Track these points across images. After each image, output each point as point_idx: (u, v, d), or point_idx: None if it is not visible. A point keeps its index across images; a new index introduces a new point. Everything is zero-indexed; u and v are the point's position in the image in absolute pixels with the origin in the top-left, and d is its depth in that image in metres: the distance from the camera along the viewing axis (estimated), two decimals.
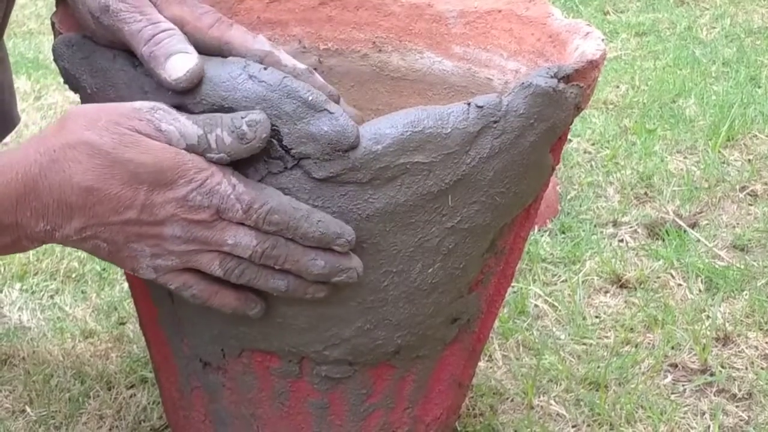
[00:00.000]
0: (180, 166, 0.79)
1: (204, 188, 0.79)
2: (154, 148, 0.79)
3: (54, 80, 1.99)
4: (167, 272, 0.83)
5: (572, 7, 2.47)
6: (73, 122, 0.79)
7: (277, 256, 0.82)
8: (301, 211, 0.81)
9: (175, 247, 0.81)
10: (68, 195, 0.79)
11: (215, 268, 0.82)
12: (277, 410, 0.95)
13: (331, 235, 0.82)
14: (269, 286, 0.84)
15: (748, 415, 1.15)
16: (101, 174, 0.78)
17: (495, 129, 0.84)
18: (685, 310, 1.32)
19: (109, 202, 0.79)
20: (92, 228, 0.80)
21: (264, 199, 0.81)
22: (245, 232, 0.81)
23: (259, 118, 0.79)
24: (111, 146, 0.78)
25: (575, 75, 0.87)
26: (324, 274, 0.83)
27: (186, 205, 0.80)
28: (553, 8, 1.03)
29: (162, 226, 0.80)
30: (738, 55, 2.19)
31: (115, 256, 0.82)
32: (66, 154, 0.78)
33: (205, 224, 0.80)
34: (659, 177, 1.65)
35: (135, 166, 0.78)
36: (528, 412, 1.14)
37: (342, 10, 1.11)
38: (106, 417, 1.11)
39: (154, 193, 0.79)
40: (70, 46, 0.87)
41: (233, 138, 0.79)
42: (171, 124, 0.79)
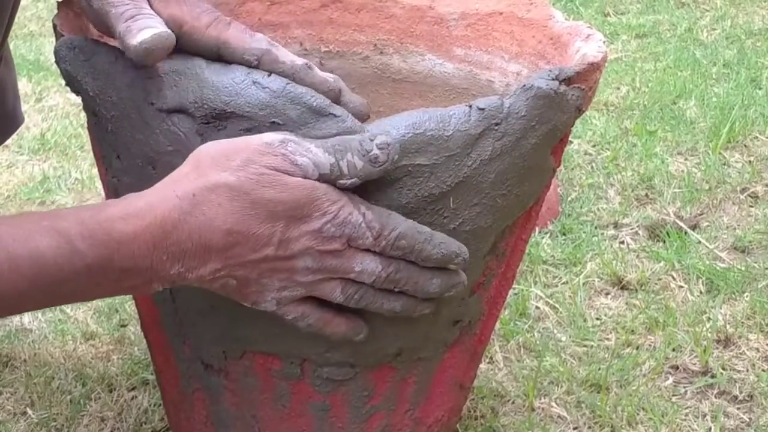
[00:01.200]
0: (315, 200, 0.79)
1: (337, 219, 0.80)
2: (291, 185, 0.79)
3: (55, 82, 1.99)
4: (288, 304, 0.83)
5: (573, 9, 2.47)
6: (208, 164, 0.79)
7: (399, 279, 0.83)
8: (425, 235, 0.83)
9: (304, 278, 0.82)
10: (208, 238, 0.78)
11: (337, 295, 0.83)
12: (278, 412, 0.95)
13: (451, 256, 0.83)
14: (384, 308, 0.85)
15: (749, 417, 1.15)
16: (241, 216, 0.78)
17: (496, 131, 0.84)
18: (686, 312, 1.32)
19: (248, 242, 0.79)
20: (228, 268, 0.80)
21: (393, 225, 0.82)
22: (371, 259, 0.82)
23: (389, 140, 0.80)
24: (250, 187, 0.78)
25: (576, 77, 0.87)
26: (438, 291, 0.85)
27: (320, 237, 0.80)
28: (554, 10, 1.03)
29: (295, 260, 0.81)
30: (738, 57, 2.19)
31: (241, 291, 0.82)
32: (206, 197, 0.78)
33: (336, 254, 0.81)
34: (660, 179, 1.65)
35: (274, 205, 0.78)
36: (529, 414, 1.14)
37: (343, 13, 1.12)
38: (107, 419, 1.11)
39: (290, 228, 0.79)
40: (72, 48, 0.87)
41: (365, 162, 0.80)
42: (305, 156, 0.79)
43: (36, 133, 1.79)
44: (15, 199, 1.58)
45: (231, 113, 0.81)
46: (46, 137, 1.78)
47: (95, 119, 0.89)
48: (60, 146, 1.75)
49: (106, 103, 0.86)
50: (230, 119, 0.82)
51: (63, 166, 1.68)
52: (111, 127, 0.86)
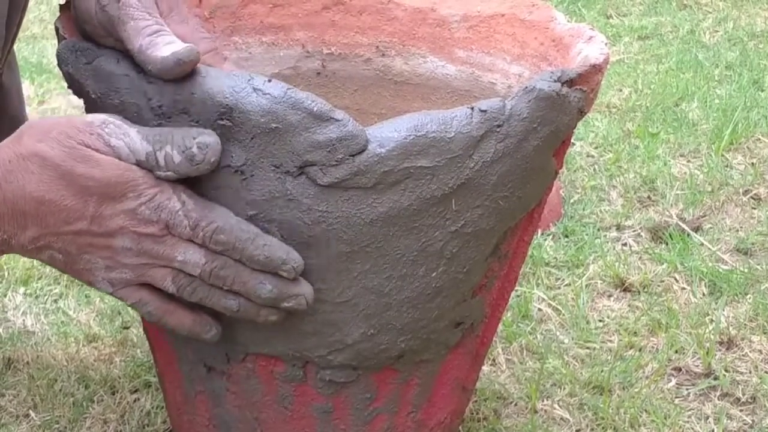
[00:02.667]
0: (129, 181, 0.81)
1: (153, 203, 0.81)
2: (102, 162, 0.80)
3: (57, 85, 2.00)
4: (123, 286, 0.84)
5: (575, 11, 2.47)
6: (28, 134, 0.82)
7: (225, 276, 0.83)
8: (248, 233, 0.82)
9: (127, 259, 0.83)
10: (21, 204, 0.81)
11: (168, 284, 0.84)
12: (281, 414, 0.95)
13: (276, 260, 0.83)
14: (221, 306, 0.85)
15: (752, 419, 1.15)
16: (52, 185, 0.80)
17: (498, 133, 0.84)
18: (688, 314, 1.32)
19: (60, 212, 0.81)
20: (45, 237, 0.82)
21: (211, 218, 0.82)
22: (194, 250, 0.82)
23: (209, 140, 0.80)
24: (61, 159, 0.80)
25: (578, 79, 0.87)
26: (272, 298, 0.84)
27: (135, 218, 0.81)
28: (557, 12, 1.03)
29: (112, 238, 0.82)
30: (741, 59, 2.19)
31: (71, 268, 0.84)
32: (20, 165, 0.81)
33: (154, 238, 0.82)
34: (662, 181, 1.65)
35: (85, 179, 0.80)
36: (531, 417, 1.14)
37: (345, 15, 1.12)
38: (110, 421, 1.11)
39: (103, 206, 0.81)
40: (74, 51, 0.87)
41: (182, 158, 0.81)
42: (120, 139, 0.81)
43: None
44: None
45: (232, 119, 0.81)
46: None
47: None
48: None
49: (108, 106, 0.86)
50: (231, 124, 0.82)
51: None
52: None
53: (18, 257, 1.40)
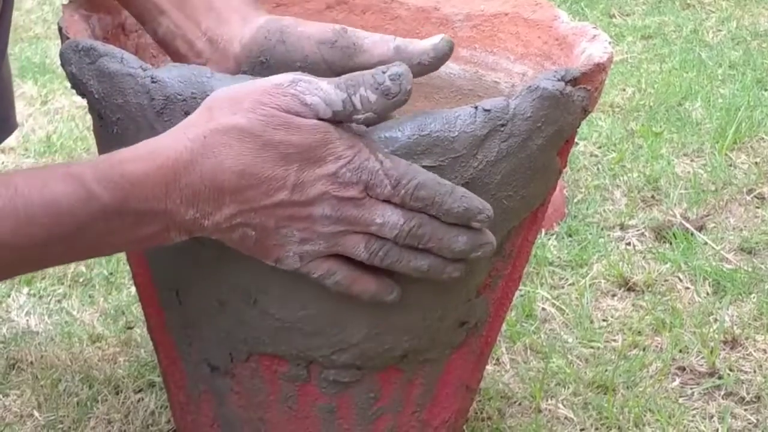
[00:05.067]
0: (329, 143, 0.78)
1: (353, 164, 0.78)
2: (302, 126, 0.77)
3: (61, 85, 2.00)
4: (312, 259, 0.81)
5: (578, 11, 2.47)
6: (219, 108, 0.78)
7: (422, 234, 0.81)
8: (446, 187, 0.80)
9: (324, 228, 0.80)
10: (220, 180, 0.77)
11: (360, 251, 0.81)
12: (285, 414, 0.95)
13: (473, 210, 0.81)
14: (411, 267, 0.82)
15: (756, 418, 1.15)
16: (253, 157, 0.77)
17: (502, 132, 0.84)
18: (692, 314, 1.32)
19: (261, 185, 0.78)
20: (243, 214, 0.79)
21: (412, 175, 0.80)
22: (392, 211, 0.80)
23: (401, 70, 0.79)
24: (260, 129, 0.77)
25: (582, 78, 0.87)
26: (465, 250, 0.82)
27: (336, 182, 0.78)
28: (560, 11, 1.03)
29: (312, 206, 0.79)
30: (744, 58, 2.19)
31: (262, 245, 0.80)
32: (217, 140, 0.77)
33: (354, 202, 0.79)
34: (666, 180, 1.65)
35: (285, 147, 0.77)
36: (536, 416, 1.14)
37: (348, 14, 1.12)
38: (114, 421, 1.11)
39: (305, 172, 0.78)
40: (77, 51, 0.87)
41: (378, 95, 0.78)
42: (315, 95, 0.78)
43: (42, 136, 1.79)
44: None
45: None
46: (52, 140, 1.78)
47: (101, 122, 0.89)
48: (66, 149, 1.75)
49: (111, 106, 0.86)
50: None
51: None
52: (116, 129, 0.86)
53: None
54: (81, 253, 0.80)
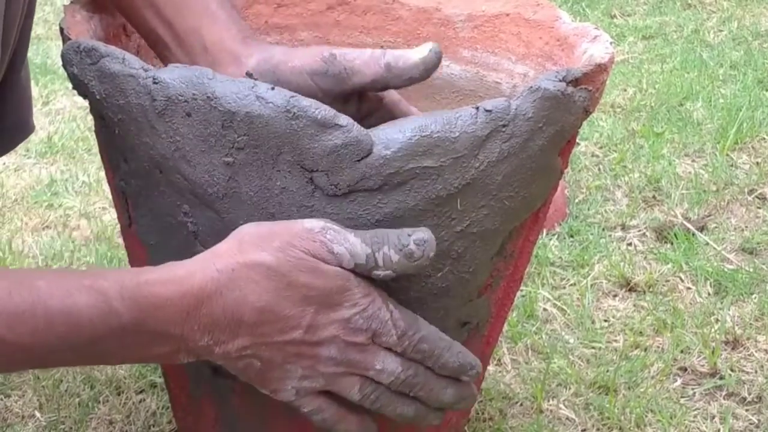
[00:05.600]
0: (347, 290, 0.81)
1: (366, 312, 0.82)
2: (327, 272, 0.80)
3: (62, 86, 2.00)
4: (306, 395, 0.84)
5: (579, 11, 2.47)
6: (250, 242, 0.80)
7: (415, 384, 0.84)
8: (446, 342, 0.85)
9: (326, 368, 0.83)
10: (241, 313, 0.80)
11: (354, 393, 0.84)
12: (286, 415, 0.94)
13: (466, 366, 0.85)
14: (397, 412, 0.86)
15: (758, 418, 1.15)
16: (275, 295, 0.80)
17: (503, 133, 0.84)
18: (694, 314, 1.32)
19: (278, 322, 0.80)
20: (255, 347, 0.81)
21: (417, 327, 0.83)
22: (392, 359, 0.83)
23: (425, 236, 0.82)
24: (287, 269, 0.79)
25: (584, 78, 0.87)
26: (450, 402, 0.86)
27: (348, 327, 0.81)
28: (561, 12, 1.03)
29: (320, 347, 0.82)
30: (745, 58, 2.19)
31: (263, 376, 0.83)
32: (244, 274, 0.79)
33: (360, 347, 0.82)
34: (667, 180, 1.65)
35: (308, 289, 0.80)
36: (537, 416, 1.14)
37: (350, 15, 1.12)
38: (115, 422, 1.12)
39: (320, 315, 0.81)
40: (79, 51, 0.87)
41: (401, 256, 0.81)
42: (342, 245, 0.81)
43: (43, 137, 1.79)
44: (22, 203, 1.58)
45: (235, 122, 0.81)
46: (54, 140, 1.78)
47: (102, 123, 0.89)
48: (67, 149, 1.75)
49: (112, 107, 0.86)
50: (234, 130, 0.81)
51: (70, 170, 1.68)
52: (118, 130, 0.86)
53: (24, 257, 1.40)
54: (88, 362, 0.84)
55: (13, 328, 0.77)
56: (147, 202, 0.89)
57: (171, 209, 0.87)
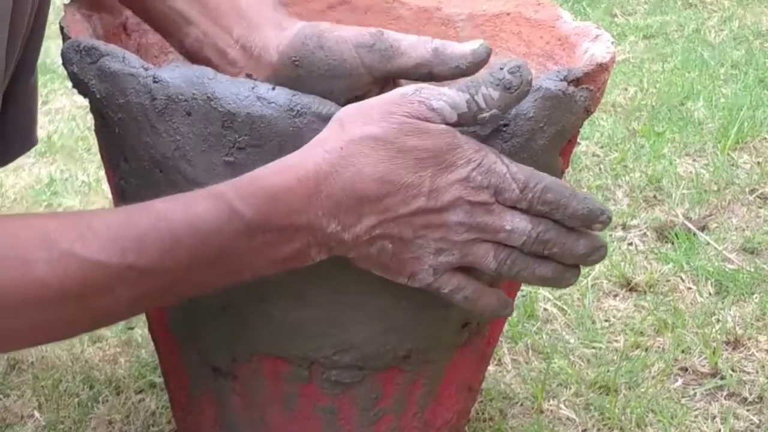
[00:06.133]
0: (458, 146, 0.79)
1: (483, 167, 0.79)
2: (432, 130, 0.78)
3: (61, 85, 2.00)
4: (443, 273, 0.82)
5: (580, 10, 2.47)
6: (350, 121, 0.79)
7: (548, 240, 0.81)
8: (570, 190, 0.81)
9: (458, 236, 0.80)
10: (360, 189, 0.78)
11: (490, 260, 0.81)
12: (286, 415, 0.94)
13: (596, 211, 0.82)
14: (536, 275, 0.83)
15: (759, 418, 1.15)
16: (389, 164, 0.78)
17: (504, 132, 0.84)
18: (695, 314, 1.32)
19: (399, 192, 0.78)
20: (383, 225, 0.79)
21: (538, 178, 0.81)
22: (521, 217, 0.81)
23: (519, 63, 0.80)
24: (394, 136, 0.78)
25: (585, 78, 0.86)
26: (585, 254, 0.83)
27: (468, 186, 0.79)
28: (562, 11, 1.02)
29: (447, 213, 0.79)
30: (746, 58, 2.18)
31: (398, 258, 0.81)
32: (353, 149, 0.78)
33: (485, 207, 0.80)
34: (668, 180, 1.65)
35: (419, 152, 0.78)
36: (537, 417, 1.14)
37: (350, 14, 1.11)
38: (114, 422, 1.11)
39: (438, 177, 0.79)
40: (79, 50, 0.87)
41: (500, 90, 0.79)
42: (440, 99, 0.79)
43: (42, 136, 1.79)
44: (22, 202, 1.58)
45: (235, 123, 0.81)
46: (53, 140, 1.78)
47: (102, 122, 0.89)
48: (67, 149, 1.75)
49: (112, 106, 0.86)
50: (235, 130, 0.81)
51: (70, 169, 1.68)
52: (118, 129, 0.86)
53: None
54: (223, 278, 0.79)
55: (141, 251, 0.74)
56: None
57: None
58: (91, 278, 0.73)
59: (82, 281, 0.73)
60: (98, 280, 0.74)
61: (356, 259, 0.81)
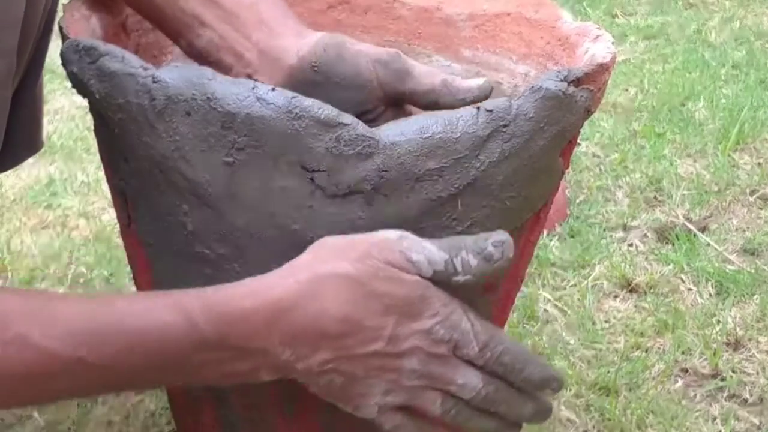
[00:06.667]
0: (427, 299, 0.80)
1: (447, 322, 0.80)
2: (407, 281, 0.79)
3: (60, 85, 1.99)
4: (387, 411, 0.83)
5: (580, 11, 2.47)
6: (327, 253, 0.80)
7: (496, 399, 0.83)
8: (525, 355, 0.83)
9: (408, 382, 0.81)
10: (322, 324, 0.78)
11: (435, 408, 0.83)
12: (286, 415, 0.94)
13: (549, 379, 0.84)
14: (477, 427, 0.85)
15: (759, 420, 1.15)
16: (356, 306, 0.79)
17: (505, 133, 0.83)
18: (695, 315, 1.32)
19: (360, 333, 0.79)
20: (336, 361, 0.80)
21: (498, 340, 0.82)
22: (474, 373, 0.82)
23: (503, 237, 0.81)
24: (367, 279, 0.79)
25: (585, 78, 0.86)
26: (529, 417, 0.85)
27: (429, 338, 0.80)
28: (563, 11, 1.02)
29: (402, 359, 0.80)
30: (747, 58, 2.18)
31: (345, 392, 0.82)
32: (324, 285, 0.78)
33: (442, 360, 0.81)
34: (669, 181, 1.65)
35: (389, 299, 0.79)
36: None
37: (350, 14, 1.11)
38: (114, 423, 1.11)
39: (401, 325, 0.80)
40: (78, 50, 0.86)
41: (479, 260, 0.80)
42: (420, 254, 0.80)
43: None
44: (21, 202, 1.57)
45: (235, 123, 0.81)
46: (52, 140, 1.77)
47: (101, 122, 0.88)
48: (66, 149, 1.75)
49: (112, 106, 0.85)
50: (235, 131, 0.81)
51: (69, 169, 1.68)
52: (117, 130, 0.86)
53: (22, 257, 1.40)
54: (169, 381, 0.81)
55: (94, 349, 0.75)
56: (146, 201, 0.88)
57: (171, 209, 0.86)
58: (37, 365, 0.75)
59: (29, 366, 0.74)
60: (45, 367, 0.75)
61: (305, 384, 0.82)
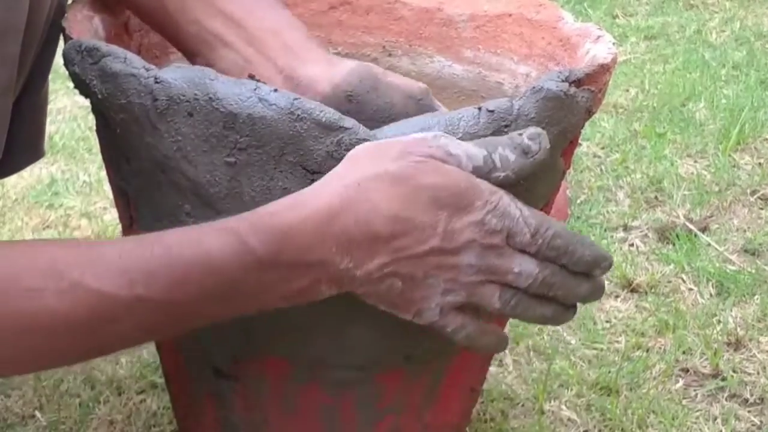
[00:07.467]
0: (475, 187, 0.79)
1: (498, 210, 0.79)
2: (451, 171, 0.78)
3: (62, 85, 1.99)
4: (449, 312, 0.82)
5: (581, 11, 2.47)
6: (365, 157, 0.79)
7: (553, 283, 0.82)
8: (577, 236, 0.83)
9: (467, 278, 0.80)
10: (375, 225, 0.77)
11: (495, 301, 0.82)
12: (288, 415, 0.94)
13: (599, 258, 0.83)
14: (537, 314, 0.84)
15: (760, 420, 1.15)
16: (405, 201, 0.77)
17: (506, 133, 0.84)
18: (696, 315, 1.32)
19: (413, 231, 0.78)
20: (395, 264, 0.78)
21: (548, 224, 0.81)
22: (529, 260, 0.81)
23: (538, 130, 0.81)
24: (411, 174, 0.78)
25: (586, 79, 0.86)
26: (585, 297, 0.85)
27: (483, 229, 0.79)
28: (564, 12, 1.02)
29: (459, 255, 0.79)
30: (748, 59, 2.18)
31: (405, 297, 0.80)
32: (369, 185, 0.77)
33: (497, 250, 0.80)
34: (669, 181, 1.65)
35: (436, 191, 0.78)
36: (539, 417, 1.13)
37: (352, 15, 1.11)
38: (116, 422, 1.11)
39: (454, 219, 0.78)
40: (81, 51, 0.87)
41: (517, 154, 0.80)
42: (458, 148, 0.79)
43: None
44: (23, 202, 1.58)
45: (237, 124, 0.81)
46: (54, 140, 1.78)
47: (104, 122, 0.89)
48: (68, 149, 1.75)
49: (114, 107, 0.86)
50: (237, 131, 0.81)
51: (71, 169, 1.68)
52: (119, 130, 0.86)
53: None
54: (231, 311, 0.79)
55: (150, 284, 0.74)
56: (148, 201, 0.89)
57: (173, 209, 0.87)
58: (99, 309, 0.74)
59: (91, 312, 0.74)
60: (106, 311, 0.74)
61: (365, 294, 0.80)
